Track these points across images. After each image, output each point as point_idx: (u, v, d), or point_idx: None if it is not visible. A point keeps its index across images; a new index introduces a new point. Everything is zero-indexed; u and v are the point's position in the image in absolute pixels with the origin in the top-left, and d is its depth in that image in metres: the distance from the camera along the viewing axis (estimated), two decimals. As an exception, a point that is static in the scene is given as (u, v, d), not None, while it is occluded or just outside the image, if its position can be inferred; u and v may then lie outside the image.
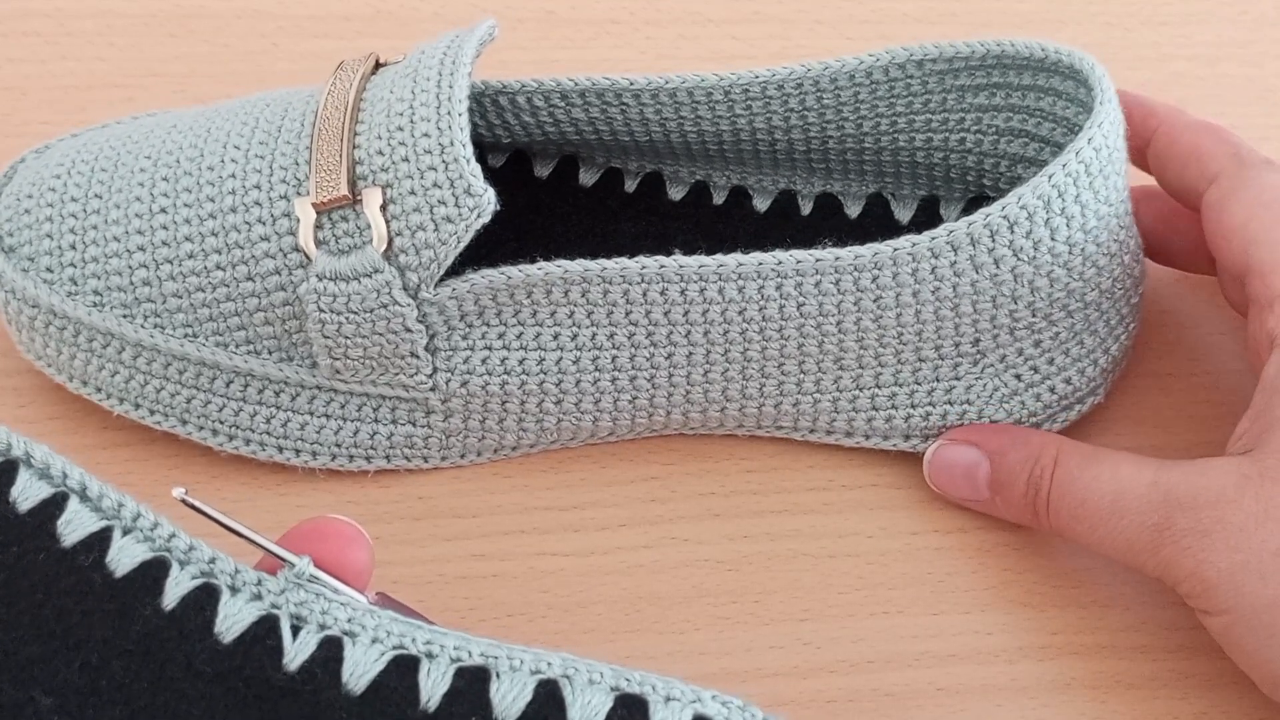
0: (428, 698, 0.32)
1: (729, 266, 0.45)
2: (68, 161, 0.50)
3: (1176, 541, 0.43)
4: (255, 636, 0.33)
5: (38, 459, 0.35)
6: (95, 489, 0.35)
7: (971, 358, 0.48)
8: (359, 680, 0.33)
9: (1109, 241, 0.47)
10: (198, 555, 0.35)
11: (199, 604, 0.34)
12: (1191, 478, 0.43)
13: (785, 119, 0.52)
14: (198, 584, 0.34)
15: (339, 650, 0.33)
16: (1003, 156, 0.52)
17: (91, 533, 0.34)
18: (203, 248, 0.47)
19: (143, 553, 0.34)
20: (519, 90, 0.51)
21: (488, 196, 0.44)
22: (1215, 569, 0.42)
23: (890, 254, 0.45)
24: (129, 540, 0.34)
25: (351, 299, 0.45)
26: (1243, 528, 0.41)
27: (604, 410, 0.49)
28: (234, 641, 0.33)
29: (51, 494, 0.35)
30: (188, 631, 0.33)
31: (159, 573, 0.34)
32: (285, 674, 0.33)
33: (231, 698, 0.32)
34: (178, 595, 0.34)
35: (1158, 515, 0.43)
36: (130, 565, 0.34)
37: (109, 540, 0.34)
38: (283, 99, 0.49)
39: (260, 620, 0.34)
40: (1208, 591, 0.42)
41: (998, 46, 0.49)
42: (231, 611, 0.34)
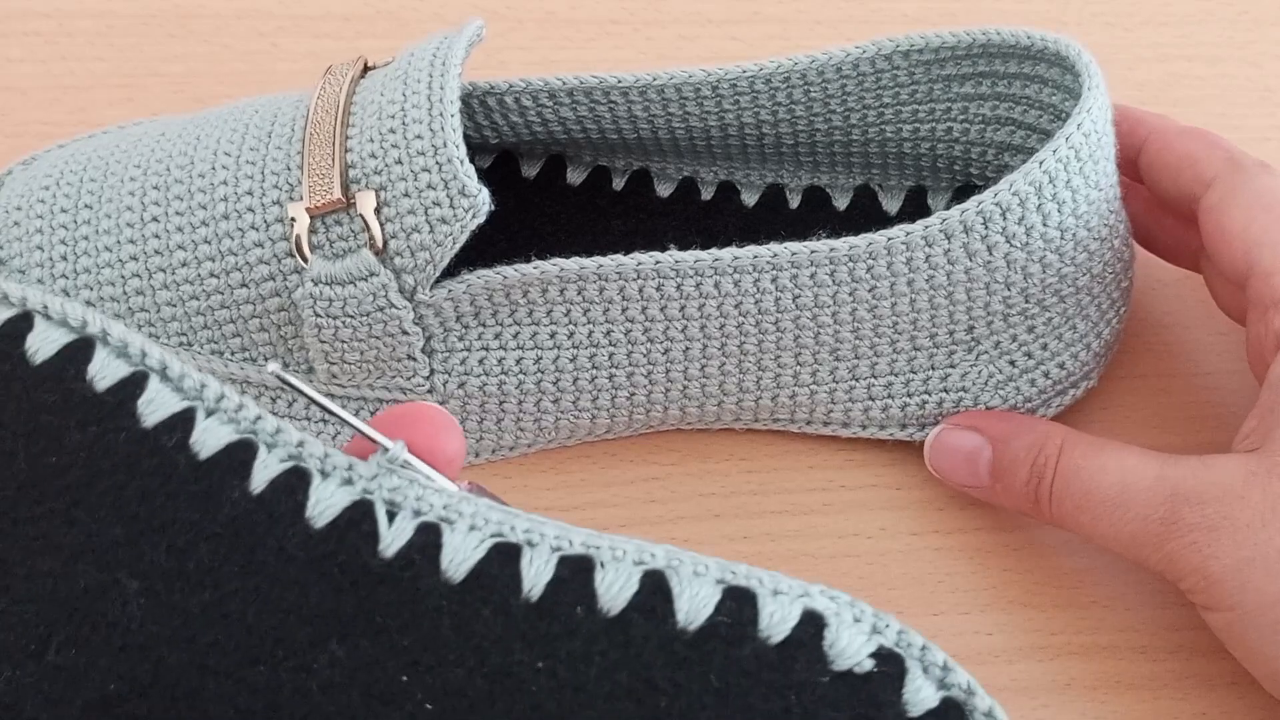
0: (530, 586, 0.31)
1: (724, 260, 0.46)
2: (56, 172, 0.50)
3: (1182, 536, 0.42)
4: (349, 521, 0.32)
5: (115, 336, 0.33)
6: (176, 369, 0.33)
7: (966, 345, 0.48)
8: (458, 567, 0.31)
9: (1100, 226, 0.47)
10: (285, 439, 0.33)
11: (289, 488, 0.32)
12: (1198, 473, 0.43)
13: (773, 113, 0.52)
14: (287, 467, 0.32)
15: (437, 536, 0.32)
16: (990, 145, 0.52)
17: (174, 413, 0.32)
18: (196, 255, 0.47)
19: (228, 435, 0.32)
20: (507, 90, 0.51)
21: (482, 197, 0.44)
22: (1220, 565, 0.42)
23: (884, 243, 0.46)
24: (213, 422, 0.33)
25: (348, 303, 0.45)
26: (1249, 524, 0.41)
27: (602, 408, 0.49)
28: (327, 526, 0.32)
29: (130, 373, 0.33)
30: (278, 515, 0.32)
31: (246, 455, 0.32)
32: (381, 560, 0.31)
33: (325, 583, 0.31)
34: (266, 478, 0.32)
35: (1163, 509, 0.43)
36: (215, 447, 0.32)
37: (192, 421, 0.32)
38: (272, 104, 0.49)
39: (354, 505, 0.32)
40: (1212, 587, 0.42)
41: (983, 36, 0.49)
42: (323, 496, 0.32)
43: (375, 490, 0.32)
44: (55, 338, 0.33)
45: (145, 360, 0.33)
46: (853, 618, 0.31)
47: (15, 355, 0.33)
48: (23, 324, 0.33)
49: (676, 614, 0.30)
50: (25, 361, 0.33)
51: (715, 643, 0.30)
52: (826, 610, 0.31)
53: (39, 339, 0.33)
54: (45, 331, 0.33)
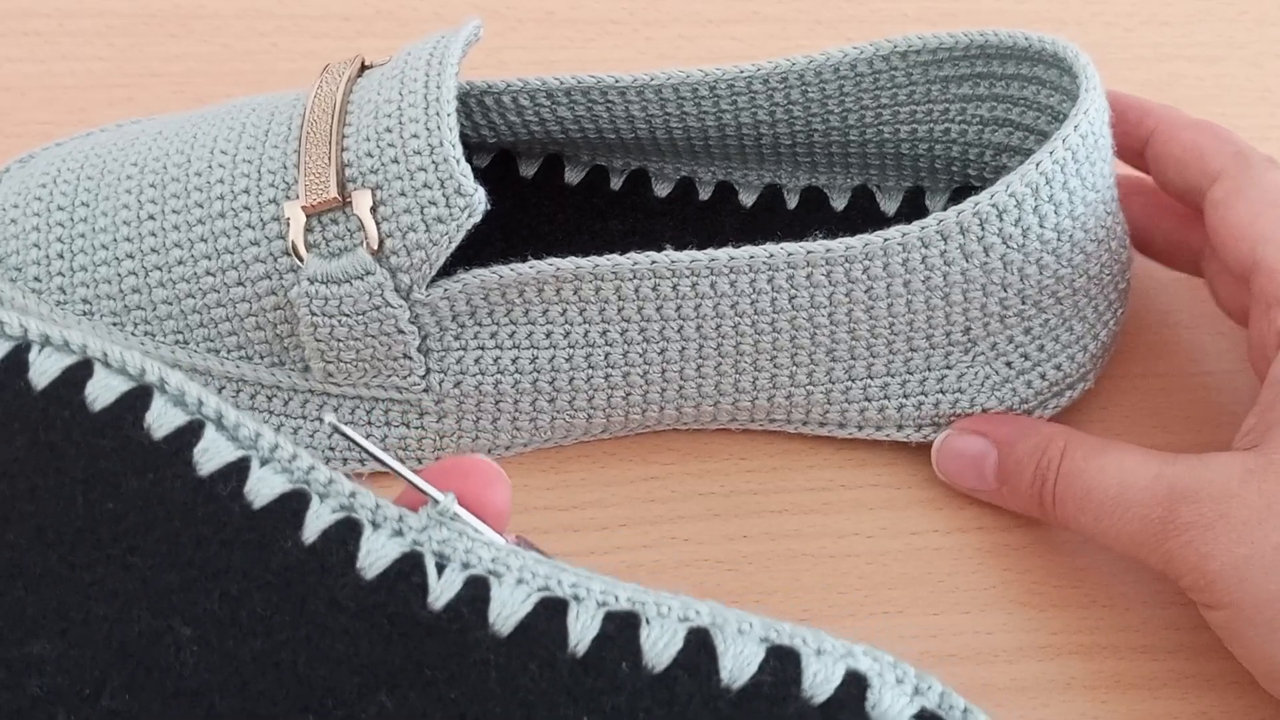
0: (576, 641, 0.31)
1: (720, 260, 0.45)
2: (53, 170, 0.50)
3: (1180, 535, 0.43)
4: (399, 573, 0.32)
5: (172, 386, 0.34)
6: (232, 418, 0.34)
7: (963, 346, 0.48)
8: (506, 621, 0.32)
9: (1096, 228, 0.47)
10: (337, 489, 0.33)
11: (341, 538, 0.32)
12: (1196, 471, 0.43)
13: (771, 113, 0.52)
14: (339, 518, 0.33)
15: (485, 590, 0.32)
16: (987, 146, 0.52)
17: (229, 462, 0.33)
18: (192, 254, 0.47)
19: (281, 484, 0.33)
20: (504, 90, 0.51)
21: (478, 196, 0.44)
22: (1218, 563, 0.42)
23: (880, 244, 0.45)
24: (267, 471, 0.33)
25: (343, 301, 0.45)
26: (1246, 522, 0.41)
27: (598, 407, 0.49)
28: (377, 577, 0.32)
29: (187, 421, 0.33)
30: (329, 565, 0.32)
31: (299, 505, 0.33)
32: (430, 612, 0.32)
33: (375, 633, 0.31)
34: (318, 529, 0.33)
35: (1162, 508, 0.43)
36: (269, 496, 0.33)
37: (247, 470, 0.33)
38: (268, 103, 0.49)
39: (404, 557, 0.32)
40: (1210, 585, 0.42)
41: (981, 37, 0.49)
42: (374, 547, 0.32)
43: (425, 542, 0.33)
44: (114, 385, 0.34)
45: (201, 409, 0.34)
46: (895, 679, 0.31)
47: (75, 402, 0.33)
48: (82, 371, 0.34)
49: (721, 672, 0.31)
50: (84, 408, 0.33)
51: (759, 702, 0.30)
52: (869, 671, 0.31)
53: (98, 387, 0.33)
54: (104, 379, 0.34)
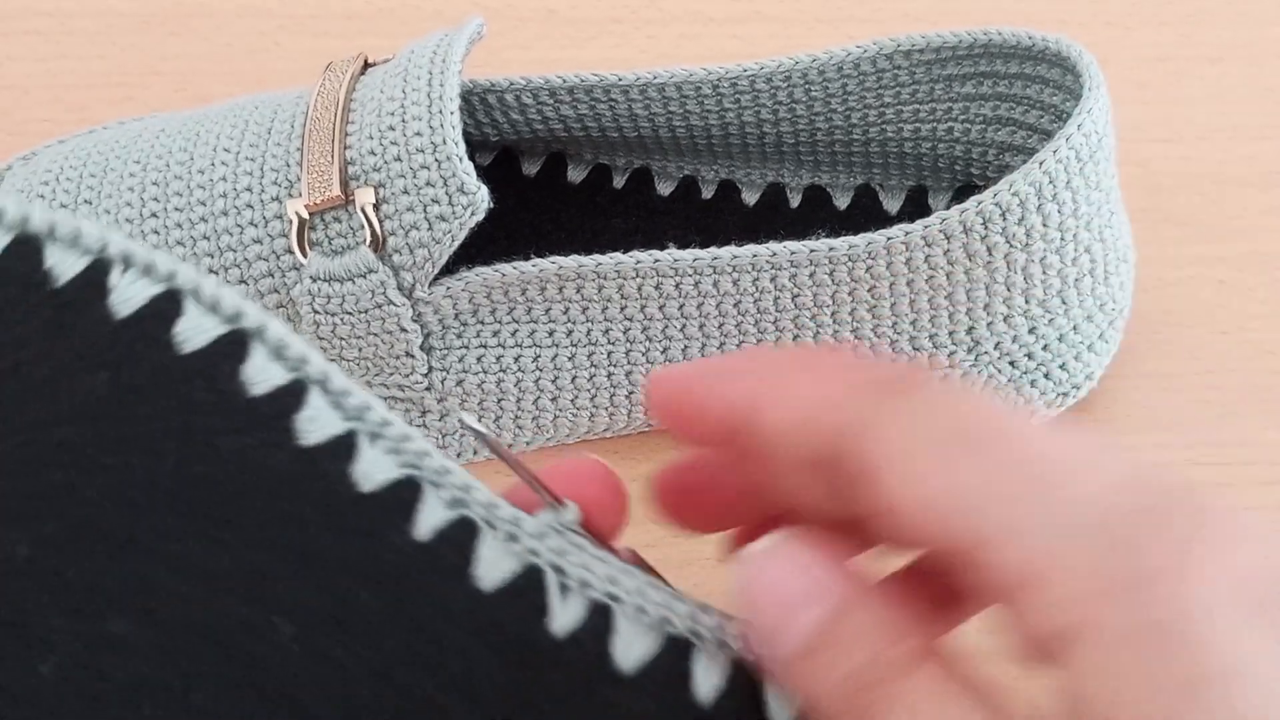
0: (702, 691, 0.29)
1: (723, 259, 0.45)
2: (56, 168, 0.50)
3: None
4: (519, 588, 0.29)
5: (272, 336, 0.30)
6: (338, 383, 0.30)
7: (966, 346, 0.48)
8: (630, 658, 0.29)
9: (1101, 227, 0.47)
10: (451, 480, 0.30)
11: (456, 541, 0.29)
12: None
13: (774, 112, 0.52)
14: (454, 516, 0.29)
15: (608, 619, 0.29)
16: (990, 145, 0.52)
17: (335, 435, 0.29)
18: (194, 251, 0.47)
19: (392, 468, 0.29)
20: (507, 88, 0.51)
21: (481, 194, 0.44)
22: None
23: (884, 243, 0.45)
24: (377, 451, 0.29)
25: (346, 300, 0.45)
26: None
27: (600, 406, 0.49)
28: (496, 591, 0.29)
29: (290, 381, 0.29)
30: (443, 569, 0.29)
31: (410, 495, 0.29)
32: (551, 638, 0.29)
33: (492, 653, 0.29)
34: (432, 526, 0.29)
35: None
36: (380, 481, 0.29)
37: (354, 447, 0.29)
38: (271, 101, 0.49)
39: (526, 572, 0.29)
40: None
41: (984, 36, 0.49)
42: (492, 555, 0.29)
43: (541, 552, 0.30)
44: (207, 327, 0.30)
45: (305, 368, 0.30)
46: None
47: (162, 341, 0.29)
48: (170, 305, 0.30)
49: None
50: (172, 349, 0.29)
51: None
52: None
53: (189, 327, 0.29)
54: (196, 318, 0.30)
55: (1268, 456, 0.52)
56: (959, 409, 0.29)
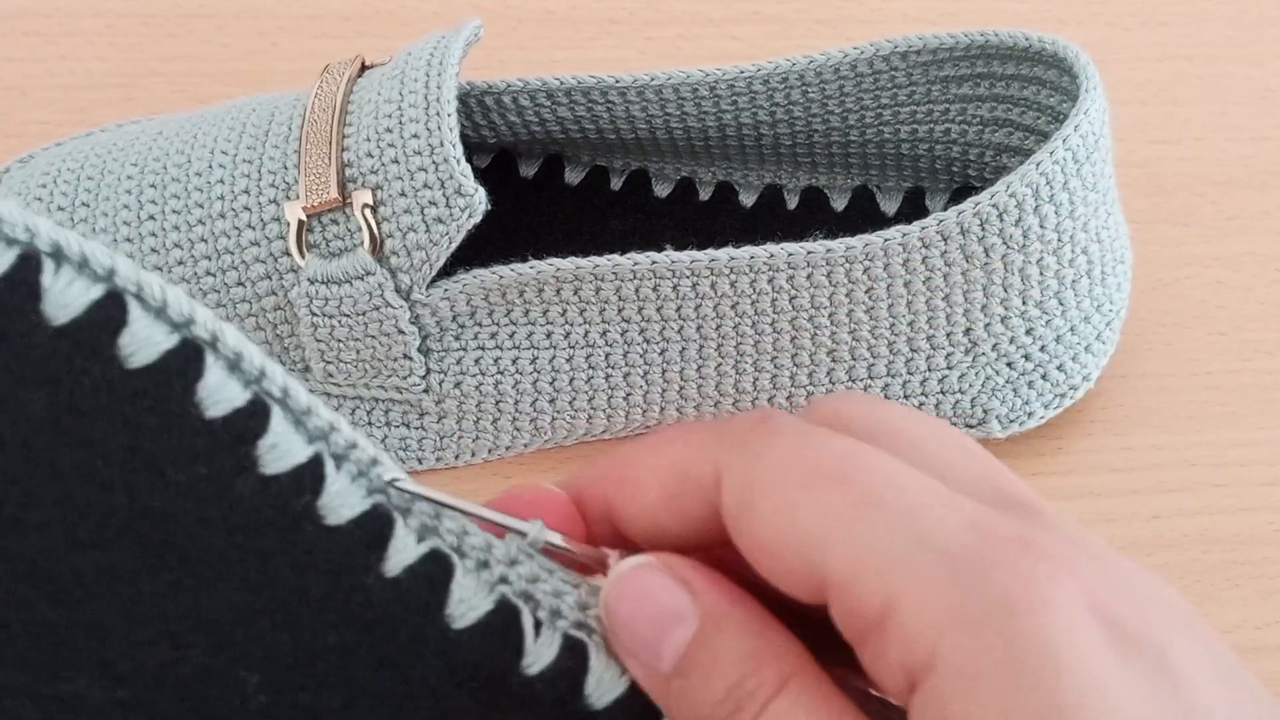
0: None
1: (720, 261, 0.45)
2: (53, 170, 0.50)
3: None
4: (492, 628, 0.28)
5: (228, 346, 0.27)
6: (301, 400, 0.27)
7: (964, 347, 0.48)
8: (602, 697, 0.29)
9: (1098, 228, 0.47)
10: (421, 507, 0.28)
11: (429, 578, 0.28)
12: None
13: (771, 114, 0.52)
14: (425, 550, 0.28)
15: (583, 658, 0.29)
16: (987, 146, 0.52)
17: (299, 464, 0.27)
18: (192, 254, 0.47)
19: (361, 499, 0.27)
20: (505, 90, 0.51)
21: (479, 196, 0.44)
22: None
23: (881, 245, 0.45)
24: (344, 478, 0.27)
25: (344, 302, 0.45)
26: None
27: (598, 408, 0.49)
28: (468, 630, 0.28)
29: (248, 401, 0.27)
30: (415, 607, 0.27)
31: (381, 528, 0.27)
32: (524, 678, 0.28)
33: (466, 695, 0.27)
34: (403, 563, 0.27)
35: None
36: (349, 515, 0.27)
37: (321, 477, 0.27)
38: (269, 103, 0.49)
39: (498, 609, 0.28)
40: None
41: (981, 37, 0.49)
42: (466, 594, 0.28)
43: (513, 580, 0.28)
44: (157, 339, 0.26)
45: (264, 382, 0.27)
46: None
47: (105, 354, 0.26)
48: (114, 311, 0.26)
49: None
50: (117, 363, 0.26)
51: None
52: None
53: (137, 338, 0.26)
54: (144, 329, 0.26)
55: (1265, 457, 0.52)
56: (810, 448, 0.29)
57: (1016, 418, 0.49)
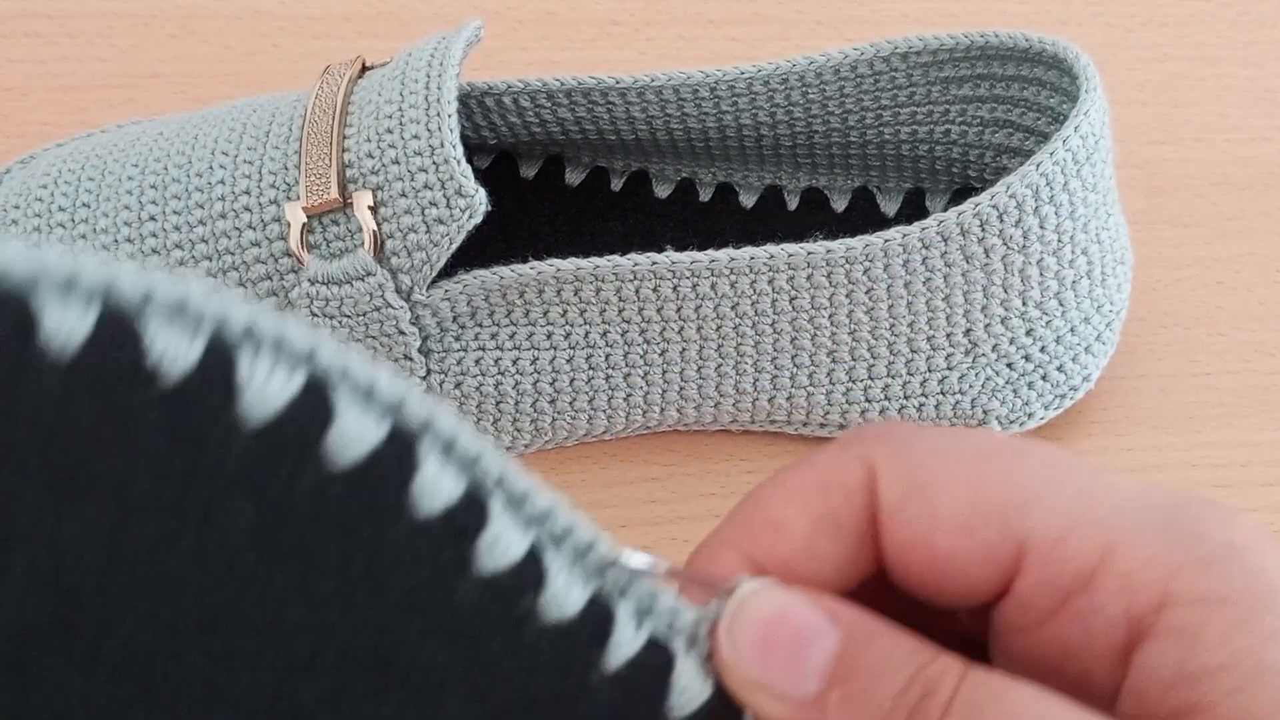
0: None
1: (720, 262, 0.46)
2: (54, 171, 0.50)
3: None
4: (713, 715, 0.26)
5: (442, 430, 0.24)
6: (519, 485, 0.24)
7: (964, 348, 0.48)
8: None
9: (1098, 229, 0.47)
10: (637, 590, 0.26)
11: (652, 668, 0.26)
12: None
13: (771, 114, 0.52)
14: (645, 639, 0.26)
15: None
16: (988, 147, 0.52)
17: (519, 559, 0.24)
18: (193, 255, 0.47)
19: (582, 591, 0.25)
20: (505, 91, 0.51)
21: (479, 197, 0.44)
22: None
23: (881, 246, 0.45)
24: (564, 570, 0.25)
25: (344, 303, 0.45)
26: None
27: (598, 409, 0.49)
28: (689, 718, 0.26)
29: (464, 492, 0.24)
30: (639, 704, 0.25)
31: (602, 620, 0.25)
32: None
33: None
34: (625, 656, 0.25)
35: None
36: (572, 610, 0.25)
37: (542, 573, 0.24)
38: (269, 104, 0.49)
39: (719, 699, 0.26)
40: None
41: (981, 38, 0.49)
42: (687, 682, 0.26)
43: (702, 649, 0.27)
44: (368, 433, 0.23)
45: (479, 467, 0.24)
46: None
47: (313, 454, 0.23)
48: (316, 404, 0.23)
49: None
50: (325, 465, 0.23)
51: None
52: None
53: (346, 434, 0.23)
54: (354, 422, 0.23)
55: (1265, 458, 0.52)
56: (970, 432, 0.29)
57: (1017, 418, 0.49)
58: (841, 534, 0.29)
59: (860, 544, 0.29)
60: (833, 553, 0.29)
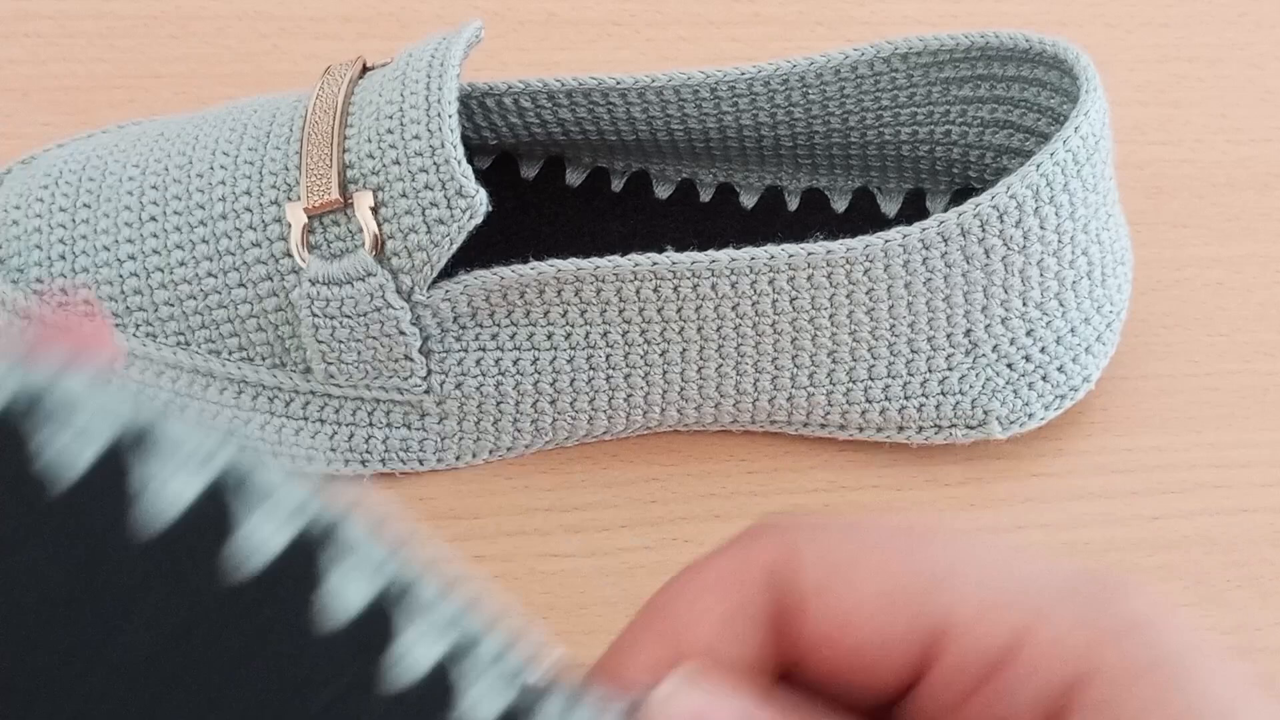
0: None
1: (720, 262, 0.46)
2: (55, 171, 0.50)
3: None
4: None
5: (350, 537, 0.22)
6: (431, 590, 0.23)
7: (964, 348, 0.48)
8: None
9: (1099, 230, 0.47)
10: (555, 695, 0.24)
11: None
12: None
13: (771, 115, 0.52)
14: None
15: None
16: (988, 148, 0.52)
17: (431, 669, 0.23)
18: (194, 255, 0.47)
19: (499, 698, 0.23)
20: (506, 91, 0.51)
21: (480, 198, 0.44)
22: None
23: (881, 246, 0.45)
24: (479, 673, 0.23)
25: (345, 303, 0.45)
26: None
27: (599, 409, 0.49)
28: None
29: (373, 600, 0.22)
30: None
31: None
32: None
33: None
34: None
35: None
36: None
37: (450, 686, 0.23)
38: (270, 104, 0.49)
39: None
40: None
41: (982, 39, 0.49)
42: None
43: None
44: (271, 539, 0.22)
45: (387, 573, 0.23)
46: None
47: (212, 567, 0.21)
48: (217, 510, 0.21)
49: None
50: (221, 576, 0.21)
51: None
52: None
53: (255, 538, 0.22)
54: (261, 524, 0.22)
55: (1266, 458, 0.52)
56: (883, 519, 0.29)
57: (1017, 419, 0.49)
58: (756, 624, 0.28)
59: (774, 635, 0.28)
60: (752, 641, 0.28)
